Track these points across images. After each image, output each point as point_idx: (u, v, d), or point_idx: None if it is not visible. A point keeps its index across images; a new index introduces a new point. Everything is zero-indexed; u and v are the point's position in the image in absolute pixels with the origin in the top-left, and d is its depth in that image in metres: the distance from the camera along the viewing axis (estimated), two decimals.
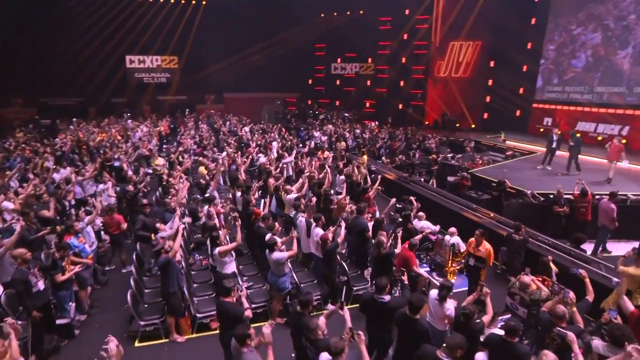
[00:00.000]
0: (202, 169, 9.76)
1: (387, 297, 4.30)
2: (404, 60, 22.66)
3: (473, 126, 21.73)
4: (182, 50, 22.98)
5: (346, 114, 22.42)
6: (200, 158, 10.53)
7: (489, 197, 10.47)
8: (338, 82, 24.75)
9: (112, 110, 21.56)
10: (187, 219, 7.23)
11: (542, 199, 9.70)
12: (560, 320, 4.02)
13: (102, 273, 6.81)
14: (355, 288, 6.18)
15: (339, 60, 24.45)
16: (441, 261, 7.20)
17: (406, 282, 4.75)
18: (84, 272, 5.77)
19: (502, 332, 4.25)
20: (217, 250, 5.30)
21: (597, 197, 9.05)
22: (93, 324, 5.76)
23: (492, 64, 21.15)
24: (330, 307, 4.47)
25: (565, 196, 9.26)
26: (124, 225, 7.19)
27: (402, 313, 4.08)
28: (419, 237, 6.54)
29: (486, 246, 5.93)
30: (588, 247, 8.05)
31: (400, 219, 7.10)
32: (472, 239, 6.11)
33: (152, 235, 6.30)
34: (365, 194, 8.39)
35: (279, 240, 5.48)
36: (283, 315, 5.69)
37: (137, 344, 5.28)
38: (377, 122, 18.49)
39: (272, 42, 23.29)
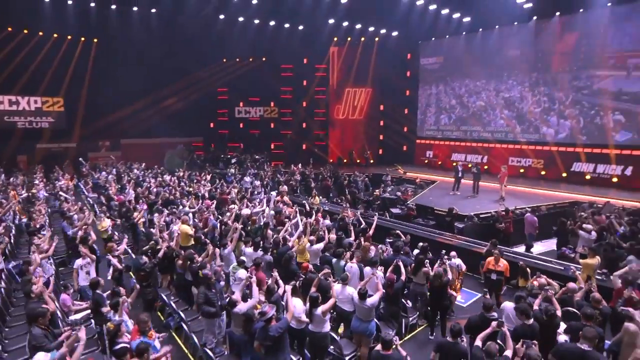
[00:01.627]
0: (185, 228, 8.87)
1: (495, 314, 5.19)
2: (305, 104, 24.45)
3: (372, 161, 24.66)
4: (70, 91, 19.64)
5: (257, 156, 22.71)
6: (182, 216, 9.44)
7: (434, 223, 12.49)
8: (242, 125, 24.90)
9: None
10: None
11: (476, 219, 12.13)
12: (598, 303, 5.56)
13: None
14: (410, 318, 6.83)
15: (241, 104, 24.75)
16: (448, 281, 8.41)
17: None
18: None
19: None
20: (319, 310, 5.28)
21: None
22: None
23: (382, 107, 24.77)
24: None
25: (484, 215, 12.08)
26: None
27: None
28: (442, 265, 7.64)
29: (504, 262, 7.39)
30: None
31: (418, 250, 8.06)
32: (491, 258, 7.52)
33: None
34: (366, 233, 9.14)
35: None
36: None
37: None
38: (300, 165, 19.38)
39: (173, 87, 22.18)
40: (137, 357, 4.14)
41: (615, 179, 16.10)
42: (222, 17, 19.55)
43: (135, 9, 18.37)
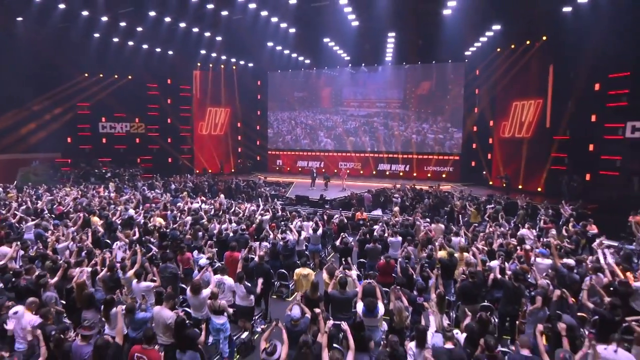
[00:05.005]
0: (160, 220, 11.70)
1: (382, 226, 11.22)
2: (170, 121, 26.71)
3: (233, 170, 28.96)
4: None
5: (131, 170, 23.81)
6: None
7: (309, 206, 18.35)
8: (104, 141, 25.07)
9: None
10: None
11: (337, 200, 18.62)
12: (407, 221, 12.38)
13: None
14: (328, 247, 12.29)
15: (104, 119, 24.93)
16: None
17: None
18: None
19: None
20: (302, 237, 10.12)
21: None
22: None
23: (239, 124, 29.48)
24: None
25: (341, 198, 18.83)
26: None
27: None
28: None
29: (365, 214, 13.71)
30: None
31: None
32: (359, 213, 13.72)
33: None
34: (284, 210, 14.11)
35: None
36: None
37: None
38: (187, 174, 21.92)
39: (28, 101, 21.00)
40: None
41: (401, 173, 25.84)
42: (97, 35, 20.40)
43: None
